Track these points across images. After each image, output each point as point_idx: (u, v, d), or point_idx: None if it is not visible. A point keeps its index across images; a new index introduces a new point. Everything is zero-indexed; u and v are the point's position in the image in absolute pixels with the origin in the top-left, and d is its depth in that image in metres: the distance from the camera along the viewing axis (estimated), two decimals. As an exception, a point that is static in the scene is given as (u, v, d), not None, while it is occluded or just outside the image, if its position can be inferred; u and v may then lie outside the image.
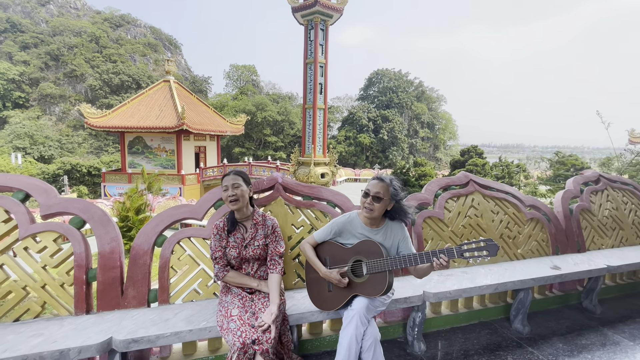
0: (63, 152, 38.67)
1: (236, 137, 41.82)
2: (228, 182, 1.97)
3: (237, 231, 2.03)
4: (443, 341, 2.58)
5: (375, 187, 1.94)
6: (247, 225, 2.06)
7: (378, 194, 1.93)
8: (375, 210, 1.95)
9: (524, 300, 2.72)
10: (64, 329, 1.86)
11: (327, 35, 11.78)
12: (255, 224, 2.06)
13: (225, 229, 2.01)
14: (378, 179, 1.98)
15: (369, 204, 1.95)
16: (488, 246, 1.67)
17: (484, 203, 3.14)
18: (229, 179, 1.98)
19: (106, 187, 22.30)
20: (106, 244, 2.12)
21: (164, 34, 60.82)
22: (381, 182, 1.95)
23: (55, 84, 44.51)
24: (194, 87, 52.24)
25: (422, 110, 50.69)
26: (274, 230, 2.08)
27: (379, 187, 1.94)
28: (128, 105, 22.64)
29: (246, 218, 2.06)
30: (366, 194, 1.97)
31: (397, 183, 1.99)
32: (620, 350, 2.48)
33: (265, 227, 2.07)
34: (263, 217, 2.10)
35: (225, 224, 2.03)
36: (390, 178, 1.99)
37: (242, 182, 1.99)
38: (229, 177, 1.99)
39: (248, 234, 2.03)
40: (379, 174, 2.14)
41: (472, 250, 1.70)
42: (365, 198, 1.97)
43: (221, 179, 2.02)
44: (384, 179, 1.97)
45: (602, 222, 3.57)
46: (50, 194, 2.12)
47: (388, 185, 1.95)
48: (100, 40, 48.68)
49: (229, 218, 2.04)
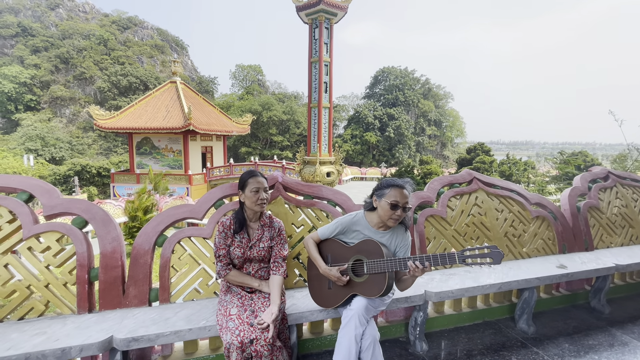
0: (73, 153, 39.41)
1: (242, 137, 42.08)
2: (260, 184, 1.95)
3: (243, 231, 2.02)
4: (446, 341, 2.55)
5: (404, 197, 1.86)
6: (255, 226, 2.05)
7: (407, 204, 1.87)
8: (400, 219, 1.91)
9: (529, 300, 2.68)
10: (67, 327, 1.88)
11: (332, 34, 11.75)
12: (262, 226, 2.05)
13: (231, 228, 2.00)
14: (402, 187, 1.88)
15: (399, 215, 1.87)
16: (492, 253, 1.63)
17: (488, 201, 3.09)
18: (260, 181, 1.96)
19: (115, 188, 22.65)
20: (108, 244, 2.14)
21: (170, 35, 61.43)
22: (408, 191, 1.88)
23: (65, 86, 45.34)
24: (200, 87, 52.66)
25: (428, 107, 50.26)
26: (280, 232, 2.08)
27: (408, 197, 1.87)
28: (136, 106, 22.94)
29: (256, 219, 2.06)
30: (395, 205, 1.85)
31: (411, 188, 1.94)
32: (629, 351, 2.42)
33: (272, 229, 2.06)
34: (270, 219, 2.09)
35: (232, 222, 2.01)
36: (408, 182, 1.92)
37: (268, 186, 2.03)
38: (259, 178, 1.96)
39: (255, 235, 2.03)
40: (384, 172, 2.11)
41: (475, 257, 1.66)
42: (394, 210, 1.85)
43: (246, 177, 1.98)
44: (407, 187, 1.89)
45: (611, 220, 3.49)
46: (53, 195, 2.15)
47: (411, 192, 1.91)
48: (108, 43, 49.41)
49: (236, 218, 2.01)
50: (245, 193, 1.96)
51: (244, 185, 1.97)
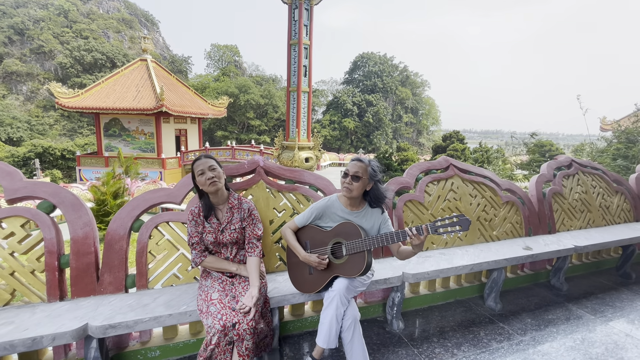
0: (33, 134, 36.63)
1: (218, 120, 40.78)
2: (203, 165, 1.91)
3: (212, 216, 1.99)
4: (420, 319, 2.68)
5: (353, 167, 1.98)
6: (223, 209, 2.02)
7: (357, 173, 1.95)
8: (354, 189, 1.97)
9: (497, 280, 2.85)
10: (36, 316, 1.80)
11: (312, 16, 11.44)
12: (231, 208, 2.02)
13: (200, 215, 1.97)
14: (356, 159, 2.02)
15: (348, 183, 1.98)
16: (460, 221, 1.73)
17: (463, 187, 3.21)
18: (201, 162, 1.93)
19: (82, 171, 21.42)
20: (79, 229, 2.04)
21: (139, 9, 57.54)
22: (359, 162, 1.99)
23: (22, 60, 41.65)
24: (173, 67, 50.15)
25: (406, 95, 50.84)
26: (250, 213, 2.05)
27: (358, 166, 1.97)
28: (103, 85, 21.52)
29: (222, 202, 2.02)
30: (345, 174, 2.00)
31: (376, 164, 2.02)
32: (583, 324, 2.66)
33: (241, 210, 2.03)
34: (239, 200, 2.06)
35: (200, 209, 1.98)
36: (368, 159, 2.03)
37: (216, 164, 1.94)
38: (200, 161, 1.93)
39: (224, 218, 2.00)
40: (359, 155, 2.15)
41: (446, 226, 1.75)
42: (344, 178, 2.00)
43: (191, 166, 1.95)
44: (362, 160, 2.01)
45: (572, 205, 3.75)
46: (15, 177, 2.00)
47: (366, 165, 1.98)
48: (69, 14, 45.57)
49: (204, 203, 1.98)
50: (197, 179, 1.93)
51: (193, 173, 1.95)
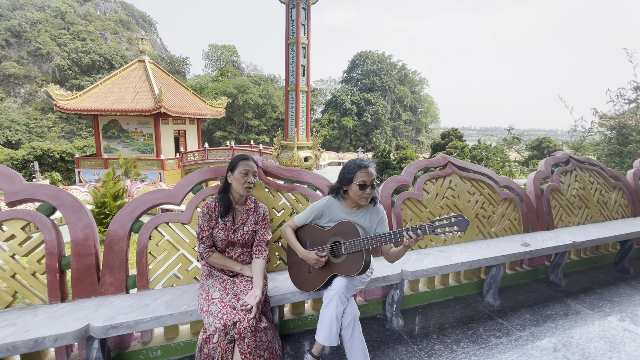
0: (32, 136, 36.59)
1: (217, 121, 40.79)
2: (250, 168, 1.96)
3: (229, 214, 2.01)
4: (420, 316, 2.70)
5: (370, 176, 1.94)
6: (240, 210, 2.05)
7: (374, 182, 1.96)
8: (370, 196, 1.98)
9: (496, 276, 2.87)
10: (38, 317, 1.81)
11: (309, 15, 11.45)
12: (247, 210, 2.06)
13: (216, 210, 1.99)
14: (367, 166, 1.96)
15: (368, 193, 1.95)
16: (459, 221, 1.73)
17: (461, 184, 3.23)
18: (250, 164, 1.97)
19: (81, 173, 21.42)
20: (79, 231, 2.05)
21: (136, 10, 57.43)
22: (372, 169, 1.97)
23: (19, 63, 41.56)
24: (171, 67, 50.08)
25: (404, 93, 50.84)
26: (264, 217, 2.10)
27: (373, 174, 1.96)
28: (101, 86, 21.49)
29: (241, 203, 2.06)
30: (364, 185, 1.94)
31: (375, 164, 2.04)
32: (581, 319, 2.68)
33: (257, 213, 2.08)
34: (255, 203, 2.11)
35: (216, 204, 2.00)
36: (370, 160, 2.02)
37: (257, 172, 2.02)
38: (250, 162, 1.98)
39: (239, 218, 2.03)
40: (360, 157, 2.15)
41: (444, 226, 1.75)
42: (363, 190, 1.94)
43: (237, 159, 1.98)
44: (372, 166, 1.98)
45: (570, 201, 3.77)
46: (14, 180, 2.01)
47: (375, 168, 1.99)
48: (66, 16, 45.46)
49: (222, 201, 2.00)
50: (234, 175, 1.96)
51: (234, 167, 1.98)
